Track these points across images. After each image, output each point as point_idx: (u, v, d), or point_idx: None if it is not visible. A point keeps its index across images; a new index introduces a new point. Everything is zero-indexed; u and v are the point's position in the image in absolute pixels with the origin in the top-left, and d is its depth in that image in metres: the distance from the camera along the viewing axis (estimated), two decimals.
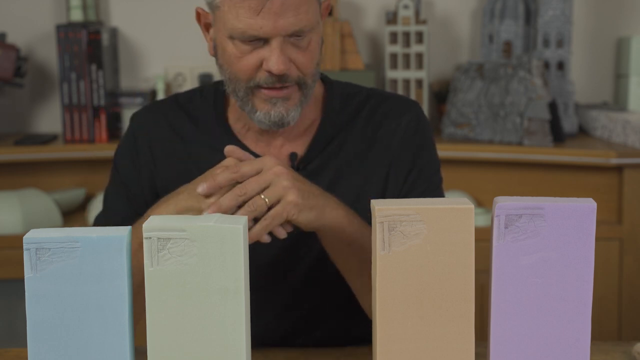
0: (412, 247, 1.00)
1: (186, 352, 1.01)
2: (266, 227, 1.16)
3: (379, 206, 1.01)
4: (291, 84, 1.26)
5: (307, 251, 1.35)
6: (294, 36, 1.23)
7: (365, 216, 1.19)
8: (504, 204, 1.00)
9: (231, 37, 1.24)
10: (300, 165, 1.34)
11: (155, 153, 1.38)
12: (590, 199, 1.00)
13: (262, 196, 1.15)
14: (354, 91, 1.41)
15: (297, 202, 1.16)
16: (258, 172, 1.17)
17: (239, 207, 1.16)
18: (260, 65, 1.24)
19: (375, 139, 1.37)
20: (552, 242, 1.00)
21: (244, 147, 1.34)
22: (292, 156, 1.35)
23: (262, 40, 1.23)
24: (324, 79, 1.41)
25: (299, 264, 1.37)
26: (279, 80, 1.24)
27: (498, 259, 1.01)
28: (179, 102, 1.41)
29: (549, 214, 0.99)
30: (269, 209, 1.16)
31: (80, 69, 2.52)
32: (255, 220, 1.16)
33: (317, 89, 1.37)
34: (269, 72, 1.23)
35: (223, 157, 1.26)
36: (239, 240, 0.99)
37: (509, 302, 1.01)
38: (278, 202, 1.16)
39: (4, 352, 1.28)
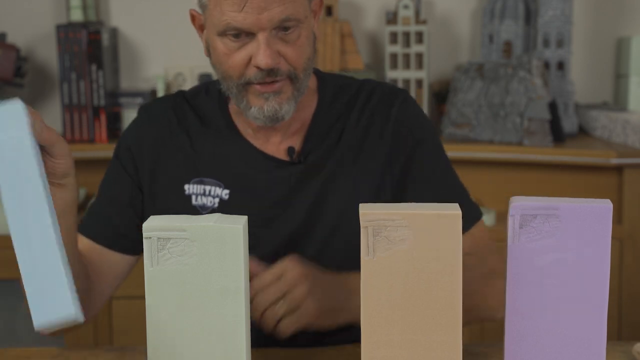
0: (397, 252, 0.98)
1: (186, 352, 1.01)
2: (287, 326, 1.19)
3: (363, 210, 0.99)
4: (282, 77, 1.27)
5: (306, 245, 1.35)
6: (281, 30, 1.24)
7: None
8: (519, 203, 0.98)
9: (219, 35, 1.26)
10: (299, 159, 1.35)
11: (157, 148, 1.40)
12: (607, 200, 0.98)
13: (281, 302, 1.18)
14: (347, 82, 1.43)
15: (314, 310, 1.19)
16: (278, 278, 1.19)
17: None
18: (249, 62, 1.26)
19: (368, 131, 1.38)
20: (567, 243, 0.98)
21: (246, 143, 1.36)
22: (290, 150, 1.36)
23: (250, 36, 1.24)
24: (317, 73, 1.43)
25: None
26: (269, 75, 1.25)
27: (513, 260, 0.99)
28: (185, 97, 1.44)
29: (564, 215, 0.98)
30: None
31: (80, 69, 2.52)
32: None
33: (311, 84, 1.39)
34: (258, 67, 1.25)
35: (227, 151, 1.34)
36: (239, 240, 0.99)
37: (524, 303, 1.00)
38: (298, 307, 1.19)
39: (4, 352, 1.28)
